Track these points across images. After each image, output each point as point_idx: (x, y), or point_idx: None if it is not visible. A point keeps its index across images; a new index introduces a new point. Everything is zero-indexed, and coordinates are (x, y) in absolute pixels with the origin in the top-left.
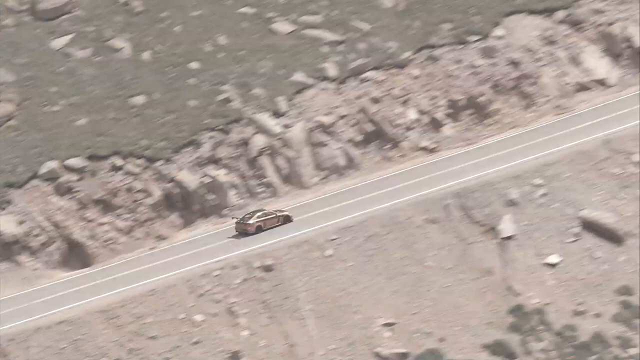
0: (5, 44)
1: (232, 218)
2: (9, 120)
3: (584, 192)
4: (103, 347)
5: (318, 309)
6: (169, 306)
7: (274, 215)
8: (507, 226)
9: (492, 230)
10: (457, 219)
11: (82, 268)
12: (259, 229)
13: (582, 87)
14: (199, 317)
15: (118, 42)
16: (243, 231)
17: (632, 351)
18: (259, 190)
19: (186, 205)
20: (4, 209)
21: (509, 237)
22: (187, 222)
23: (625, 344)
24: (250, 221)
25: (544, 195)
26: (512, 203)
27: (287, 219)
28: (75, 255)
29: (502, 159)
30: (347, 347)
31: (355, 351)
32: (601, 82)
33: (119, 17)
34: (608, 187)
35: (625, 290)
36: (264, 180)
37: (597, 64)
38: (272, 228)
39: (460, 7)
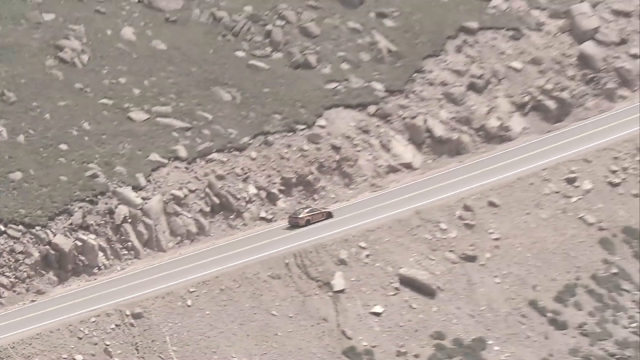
0: None
1: (286, 213)
2: None
3: (402, 254)
4: None
5: (181, 351)
6: (54, 347)
7: (319, 211)
8: (338, 281)
9: (326, 284)
10: (297, 275)
11: None
12: (308, 222)
13: (392, 169)
14: (79, 357)
15: None
16: (295, 224)
17: None
18: (124, 252)
19: (61, 265)
20: None
21: (340, 291)
22: (62, 279)
23: None
24: (301, 215)
25: (368, 255)
26: (342, 262)
27: (329, 215)
28: None
29: (331, 227)
30: None
31: None
32: (408, 166)
33: None
34: (420, 249)
35: (438, 335)
36: (127, 244)
37: (404, 150)
38: (318, 222)
39: (289, 101)
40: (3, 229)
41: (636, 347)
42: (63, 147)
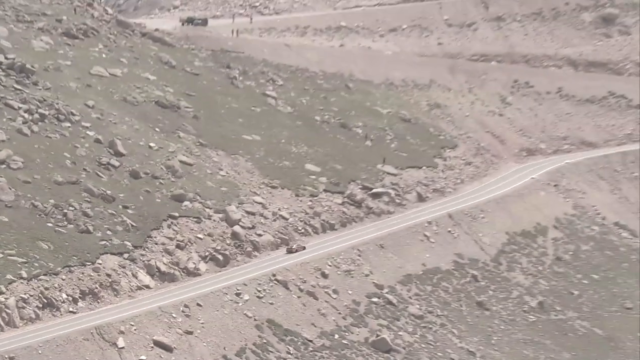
0: None
1: (285, 247)
2: None
3: (153, 329)
4: None
5: None
6: None
7: (301, 245)
8: (120, 342)
9: (114, 344)
10: (98, 339)
11: None
12: (296, 251)
13: (140, 288)
14: None
15: None
16: (290, 251)
17: None
18: None
19: None
20: None
21: (122, 347)
22: None
23: None
24: (294, 247)
25: (136, 329)
26: (122, 332)
27: (304, 248)
28: None
29: (112, 315)
30: None
31: None
32: (148, 287)
33: None
34: (163, 327)
35: None
36: None
37: (145, 278)
38: (300, 251)
39: (81, 250)
40: None
41: None
42: None
